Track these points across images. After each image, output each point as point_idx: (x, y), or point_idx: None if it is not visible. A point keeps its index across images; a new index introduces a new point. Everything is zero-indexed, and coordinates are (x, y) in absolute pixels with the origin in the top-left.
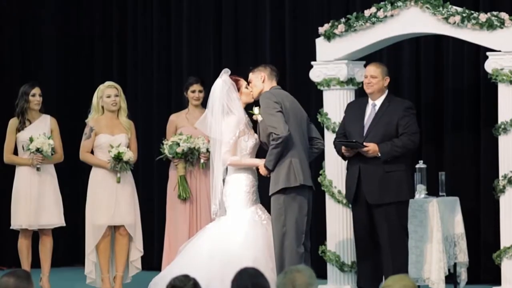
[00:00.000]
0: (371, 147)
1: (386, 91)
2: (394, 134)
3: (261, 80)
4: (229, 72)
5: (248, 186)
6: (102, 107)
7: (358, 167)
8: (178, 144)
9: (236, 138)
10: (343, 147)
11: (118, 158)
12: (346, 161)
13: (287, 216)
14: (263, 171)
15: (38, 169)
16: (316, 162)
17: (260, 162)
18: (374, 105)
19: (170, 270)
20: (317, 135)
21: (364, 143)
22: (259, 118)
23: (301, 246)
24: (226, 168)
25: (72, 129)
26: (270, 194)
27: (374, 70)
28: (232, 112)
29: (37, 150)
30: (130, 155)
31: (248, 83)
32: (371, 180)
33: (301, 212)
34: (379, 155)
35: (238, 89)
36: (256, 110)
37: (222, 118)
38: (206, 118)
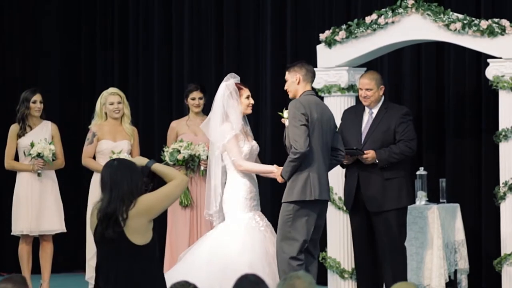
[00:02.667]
0: (370, 154)
1: (383, 98)
2: (391, 141)
3: (296, 82)
4: (237, 78)
5: (246, 192)
6: (105, 113)
7: (357, 175)
8: (178, 151)
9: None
10: None
11: None
12: (345, 169)
13: (293, 224)
14: (279, 179)
15: (39, 174)
16: None
17: (275, 169)
18: (371, 112)
19: (170, 276)
20: (341, 146)
21: (363, 151)
22: (286, 123)
23: (301, 254)
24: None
25: (73, 135)
26: (282, 201)
27: (368, 83)
28: (229, 118)
29: (38, 155)
30: None
31: (285, 81)
32: (371, 188)
33: (308, 221)
34: (377, 161)
35: (239, 97)
36: (285, 113)
37: (221, 122)
38: (210, 121)
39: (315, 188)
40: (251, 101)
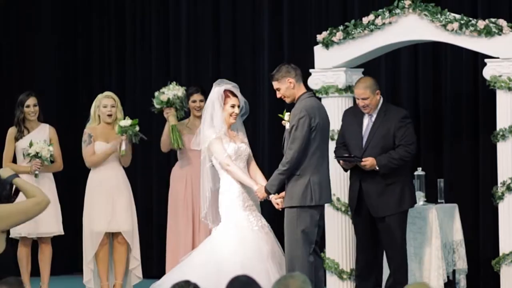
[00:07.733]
0: (369, 162)
1: (381, 101)
2: (391, 145)
3: (291, 86)
4: (231, 84)
5: (237, 192)
6: (99, 116)
7: (359, 181)
8: (163, 93)
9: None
10: (341, 161)
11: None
12: (348, 172)
13: (298, 226)
14: (261, 194)
15: (36, 175)
16: None
17: (255, 187)
18: (370, 115)
19: (167, 278)
20: None
21: (362, 158)
22: (287, 125)
23: (311, 255)
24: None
25: (71, 138)
26: (284, 206)
27: (362, 92)
28: (213, 123)
29: (36, 154)
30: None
31: (276, 90)
32: (373, 194)
33: (312, 223)
34: (377, 168)
35: (224, 105)
36: (286, 116)
37: (208, 126)
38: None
39: (316, 193)
40: (236, 110)
